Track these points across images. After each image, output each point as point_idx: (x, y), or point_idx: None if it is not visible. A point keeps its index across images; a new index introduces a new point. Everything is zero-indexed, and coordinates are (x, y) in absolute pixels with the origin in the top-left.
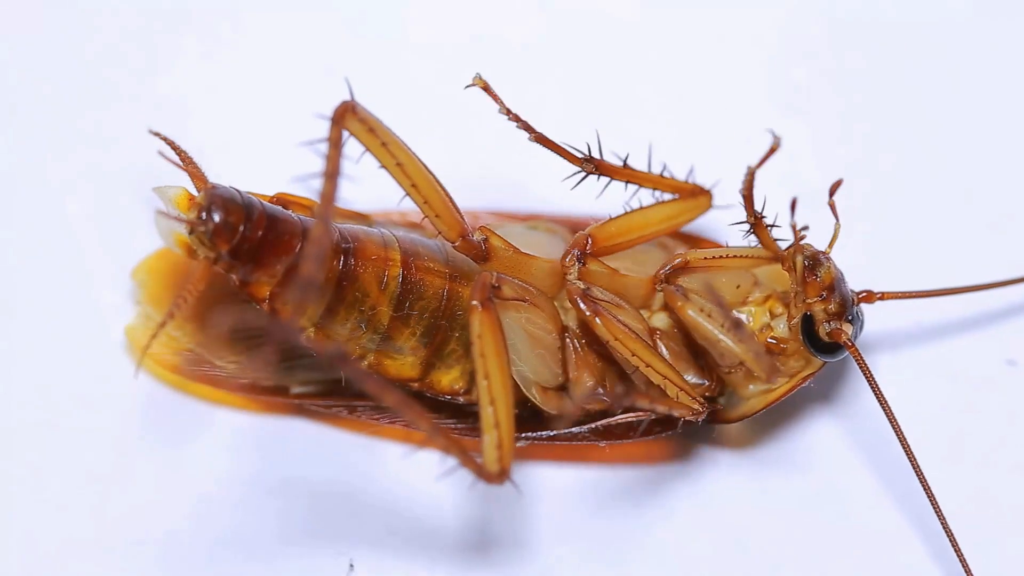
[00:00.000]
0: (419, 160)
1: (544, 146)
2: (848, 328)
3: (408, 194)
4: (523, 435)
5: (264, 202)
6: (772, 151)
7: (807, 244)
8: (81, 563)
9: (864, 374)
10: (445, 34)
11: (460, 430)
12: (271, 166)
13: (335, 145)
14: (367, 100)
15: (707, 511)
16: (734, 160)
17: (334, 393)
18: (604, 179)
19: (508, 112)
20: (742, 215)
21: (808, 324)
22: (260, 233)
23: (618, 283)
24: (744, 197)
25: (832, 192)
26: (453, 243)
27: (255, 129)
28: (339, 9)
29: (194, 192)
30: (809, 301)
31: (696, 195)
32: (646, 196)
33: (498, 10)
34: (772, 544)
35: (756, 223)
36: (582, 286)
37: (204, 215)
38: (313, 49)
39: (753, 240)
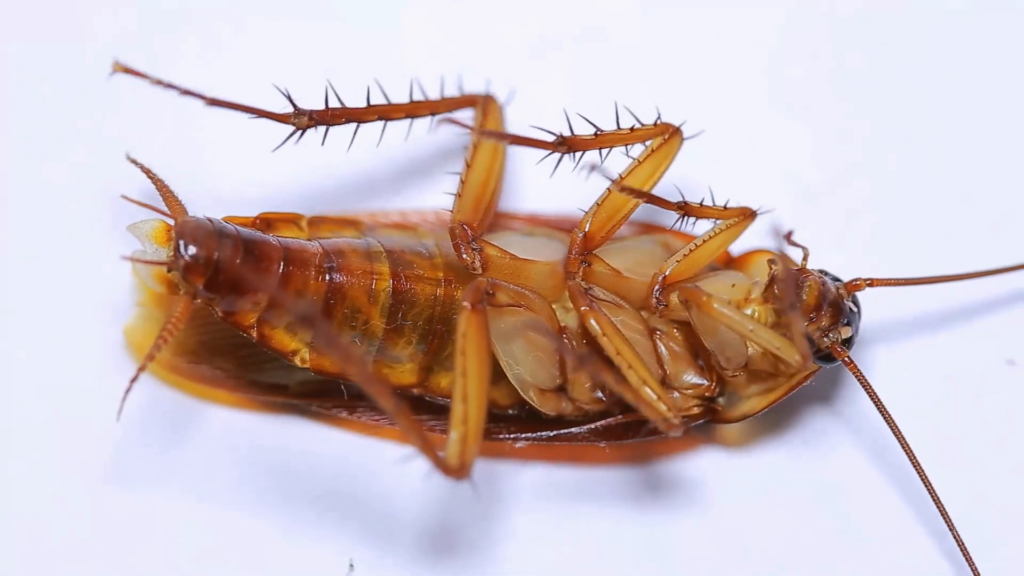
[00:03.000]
0: (497, 165)
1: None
2: (846, 330)
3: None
4: (523, 435)
5: (240, 228)
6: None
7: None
8: (81, 563)
9: (864, 386)
10: (445, 34)
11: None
12: (271, 167)
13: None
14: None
15: (708, 511)
16: (734, 159)
17: (334, 394)
18: (581, 155)
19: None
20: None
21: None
22: (237, 262)
23: (621, 284)
24: (650, 202)
25: (788, 237)
26: (452, 226)
27: (255, 129)
28: (339, 9)
29: (170, 221)
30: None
31: (668, 134)
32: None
33: (498, 10)
34: (773, 544)
35: (686, 209)
36: (584, 285)
37: (174, 253)
38: (313, 49)
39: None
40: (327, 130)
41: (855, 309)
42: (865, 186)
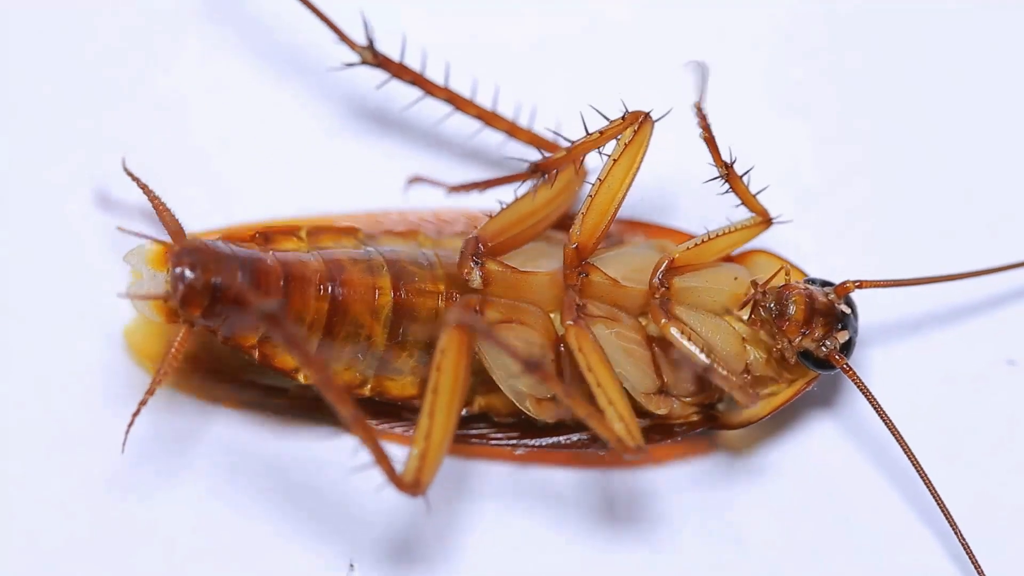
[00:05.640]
0: (546, 211)
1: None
2: (843, 335)
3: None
4: (522, 443)
5: (237, 250)
6: (704, 77)
7: (767, 285)
8: (81, 563)
9: (862, 392)
10: (445, 34)
11: (469, 437)
12: (272, 166)
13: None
14: (368, 102)
15: (707, 512)
16: (733, 160)
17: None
18: (555, 173)
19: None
20: (715, 172)
21: (806, 356)
22: (235, 289)
23: (619, 293)
24: (707, 142)
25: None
26: (468, 238)
27: (256, 129)
28: (339, 9)
29: (166, 238)
30: (796, 343)
31: (636, 123)
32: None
33: (498, 10)
34: (772, 545)
35: (729, 173)
36: (578, 301)
37: (170, 286)
38: (313, 48)
39: (734, 218)
40: (388, 79)
41: (848, 312)
42: (865, 186)
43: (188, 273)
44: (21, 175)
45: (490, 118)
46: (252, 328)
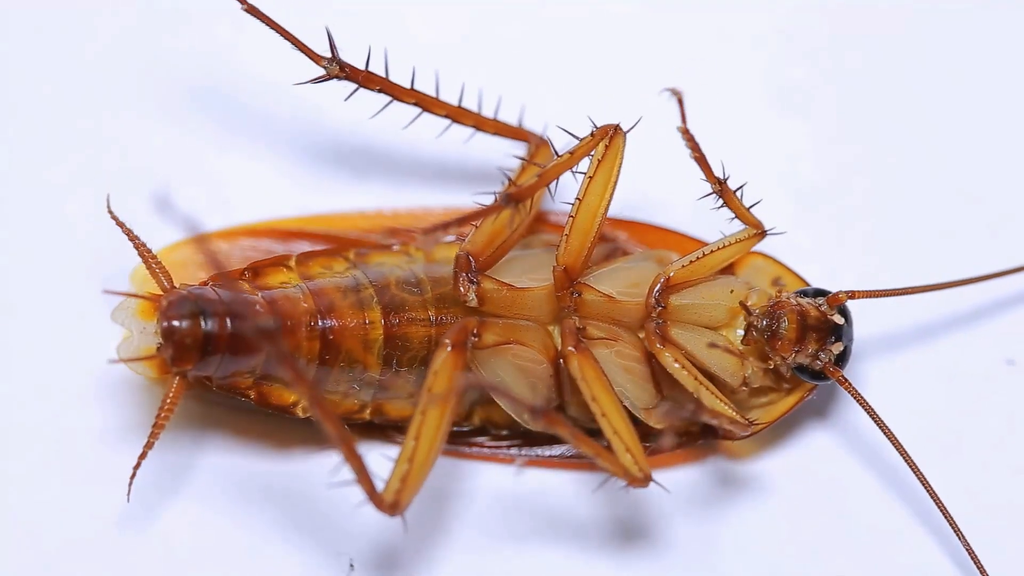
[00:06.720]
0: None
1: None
2: (837, 346)
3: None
4: (522, 453)
5: (224, 296)
6: (681, 102)
7: (756, 309)
8: (81, 563)
9: (858, 401)
10: (445, 34)
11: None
12: (272, 167)
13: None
14: (367, 101)
15: (707, 512)
16: (733, 160)
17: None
18: (530, 202)
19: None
20: (708, 188)
21: (801, 369)
22: (225, 337)
23: (615, 309)
24: (698, 161)
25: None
26: (457, 254)
27: (256, 130)
28: (339, 9)
29: (152, 280)
30: (790, 361)
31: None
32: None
33: (497, 10)
34: (772, 545)
35: (722, 189)
36: (578, 324)
37: (161, 338)
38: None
39: (728, 230)
40: (356, 89)
41: (841, 322)
42: (865, 186)
43: (176, 327)
44: (21, 175)
45: (457, 114)
46: (246, 370)
